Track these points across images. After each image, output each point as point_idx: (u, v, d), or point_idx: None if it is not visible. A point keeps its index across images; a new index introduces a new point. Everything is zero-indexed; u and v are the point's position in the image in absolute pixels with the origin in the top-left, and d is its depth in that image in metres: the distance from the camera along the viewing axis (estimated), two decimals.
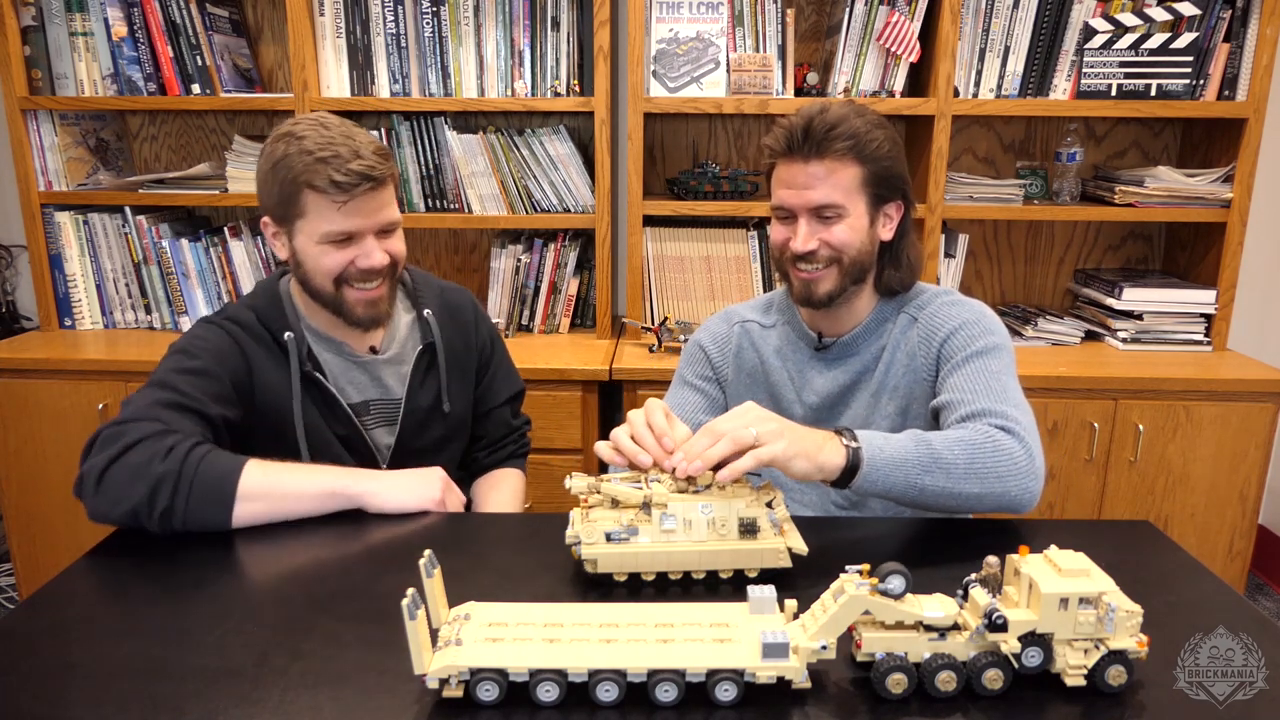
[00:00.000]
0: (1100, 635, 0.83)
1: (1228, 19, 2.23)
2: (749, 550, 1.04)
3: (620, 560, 1.03)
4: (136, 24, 2.35)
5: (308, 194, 1.30)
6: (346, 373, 1.45)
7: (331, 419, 1.42)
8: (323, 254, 1.34)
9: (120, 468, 1.16)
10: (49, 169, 2.43)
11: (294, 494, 1.21)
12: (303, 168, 1.29)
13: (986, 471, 1.15)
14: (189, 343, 1.35)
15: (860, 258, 1.35)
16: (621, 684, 0.81)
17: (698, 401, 1.50)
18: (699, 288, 2.44)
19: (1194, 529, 2.24)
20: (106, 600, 1.04)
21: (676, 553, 1.03)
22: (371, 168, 1.30)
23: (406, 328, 1.52)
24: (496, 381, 1.62)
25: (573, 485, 1.09)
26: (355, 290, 1.37)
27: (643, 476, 1.09)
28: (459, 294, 1.60)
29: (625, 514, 1.06)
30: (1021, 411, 1.23)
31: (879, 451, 1.11)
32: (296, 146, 1.30)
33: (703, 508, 1.04)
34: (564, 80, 2.38)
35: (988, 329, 1.34)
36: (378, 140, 1.37)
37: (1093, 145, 2.57)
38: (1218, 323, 2.36)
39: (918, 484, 1.12)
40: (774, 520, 1.06)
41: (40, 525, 2.33)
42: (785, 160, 1.33)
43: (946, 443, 1.15)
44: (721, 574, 1.05)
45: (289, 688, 0.84)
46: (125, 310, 2.53)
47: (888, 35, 2.23)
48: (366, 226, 1.34)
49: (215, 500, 1.16)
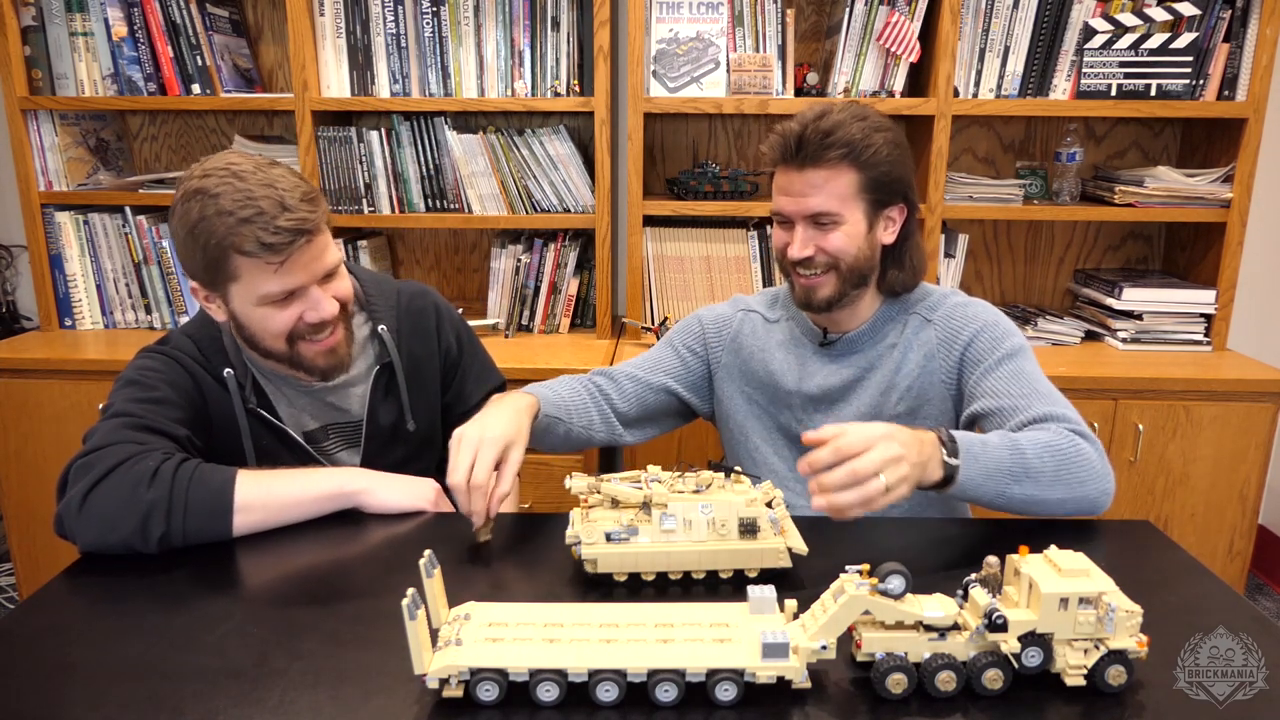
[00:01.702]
0: (1100, 635, 0.83)
1: (1228, 19, 2.23)
2: (749, 550, 1.04)
3: (620, 560, 1.03)
4: (136, 24, 2.35)
5: (236, 259, 1.18)
6: (296, 400, 1.38)
7: (286, 451, 1.36)
8: (266, 317, 1.24)
9: (103, 497, 1.11)
10: (49, 169, 2.43)
11: (292, 501, 1.19)
12: (225, 231, 1.16)
13: (1071, 478, 1.15)
14: (138, 374, 1.28)
15: (858, 264, 1.34)
16: (621, 684, 0.81)
17: (673, 366, 1.51)
18: (699, 288, 2.44)
19: (1194, 529, 2.24)
20: (106, 600, 1.04)
21: (676, 553, 1.03)
22: (303, 220, 1.18)
23: (359, 347, 1.42)
24: (468, 384, 1.53)
25: (573, 485, 1.10)
26: (310, 344, 1.28)
27: (643, 476, 1.09)
28: (420, 296, 1.50)
29: (625, 514, 1.06)
30: (1073, 411, 1.25)
31: (974, 461, 1.10)
32: (213, 207, 1.16)
33: (703, 508, 1.03)
34: (564, 80, 2.38)
35: (1007, 330, 1.37)
36: (301, 181, 1.23)
37: (1093, 145, 2.57)
38: (1217, 323, 2.36)
39: (1006, 493, 1.13)
40: (774, 520, 1.06)
41: (40, 525, 2.33)
42: (783, 167, 1.33)
43: (1035, 449, 1.15)
44: (721, 574, 1.05)
45: (289, 688, 0.84)
46: (125, 310, 2.53)
47: (888, 35, 2.23)
48: (307, 280, 1.23)
49: (213, 517, 1.13)
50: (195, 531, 1.13)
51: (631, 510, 1.07)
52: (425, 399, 1.49)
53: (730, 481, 1.09)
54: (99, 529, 1.11)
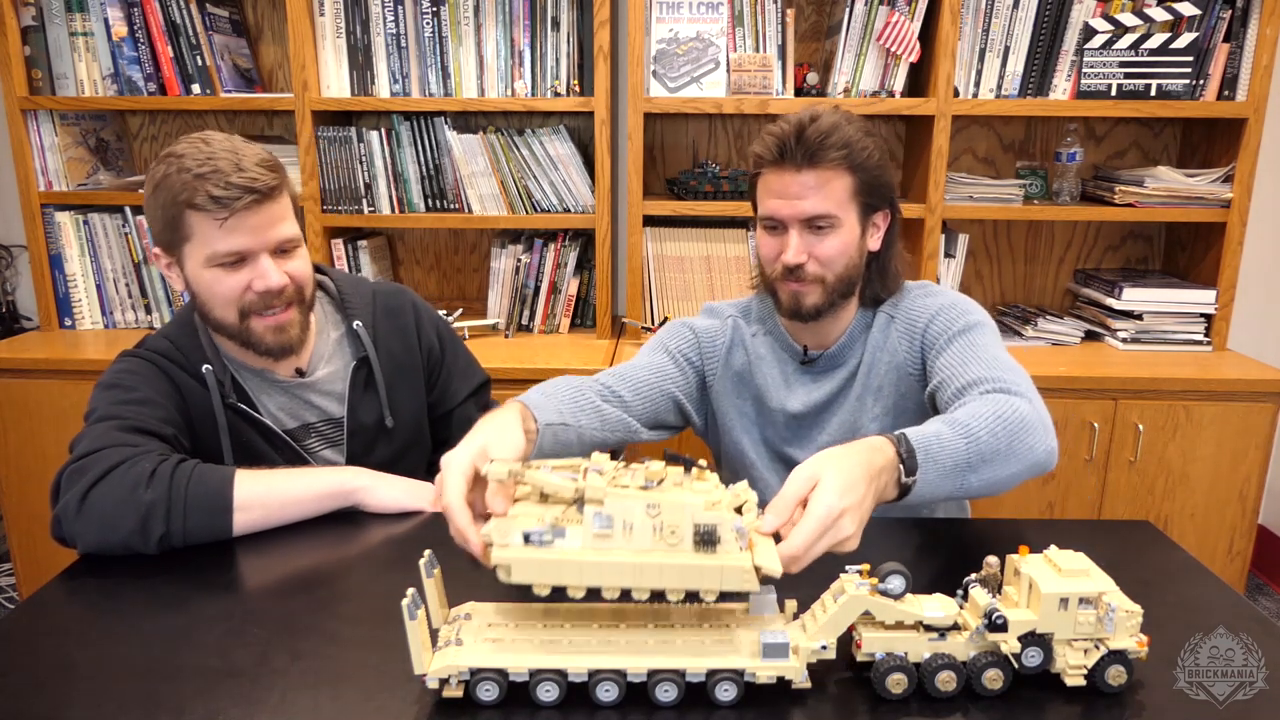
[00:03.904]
0: (1100, 635, 0.83)
1: (1228, 19, 2.23)
2: (704, 567, 0.80)
3: (540, 569, 0.81)
4: (136, 24, 2.35)
5: (189, 214, 1.22)
6: (276, 399, 1.38)
7: (270, 448, 1.36)
8: (215, 280, 1.25)
9: (101, 499, 1.11)
10: (49, 169, 2.43)
11: (291, 499, 1.19)
12: (181, 186, 1.21)
13: (1022, 446, 1.09)
14: (116, 378, 1.29)
15: (849, 271, 1.32)
16: (621, 684, 0.81)
17: (672, 373, 1.42)
18: (699, 288, 2.44)
19: (1194, 529, 2.24)
20: (107, 600, 1.04)
21: (611, 564, 0.80)
22: (254, 180, 1.21)
23: (335, 344, 1.43)
24: (453, 381, 1.53)
25: (491, 470, 0.86)
26: (260, 318, 1.28)
27: (584, 465, 0.86)
28: (396, 296, 1.51)
29: (553, 510, 0.84)
30: (1015, 372, 1.19)
31: (933, 464, 1.03)
32: (176, 166, 1.22)
33: (649, 507, 0.81)
34: (564, 80, 2.38)
35: (965, 310, 1.33)
36: (268, 153, 1.27)
37: (1093, 145, 2.57)
38: (1218, 323, 2.36)
39: (965, 485, 1.06)
40: (740, 530, 0.81)
41: (40, 525, 2.32)
42: (776, 169, 1.29)
43: (985, 426, 1.07)
44: (669, 595, 0.82)
45: (289, 688, 0.84)
46: (125, 310, 2.53)
47: (888, 35, 2.23)
48: (255, 245, 1.24)
49: (213, 517, 1.13)
50: (196, 531, 1.13)
51: (561, 506, 0.85)
52: (406, 397, 1.48)
53: (690, 478, 0.86)
54: (99, 531, 1.11)
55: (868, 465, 0.96)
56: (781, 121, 1.30)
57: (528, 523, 0.82)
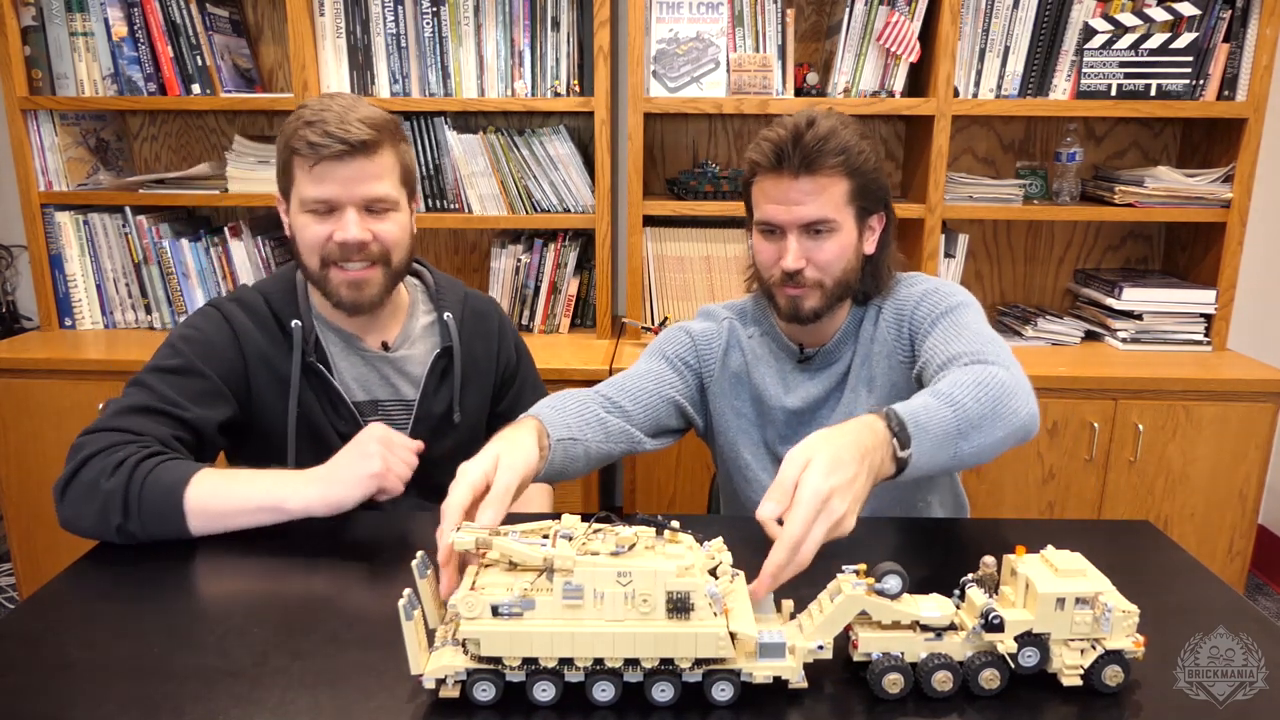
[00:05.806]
0: (1097, 635, 0.83)
1: (1228, 19, 2.23)
2: (678, 635, 0.80)
3: (510, 643, 0.80)
4: (136, 24, 2.35)
5: (294, 160, 1.29)
6: (354, 369, 1.40)
7: (334, 415, 1.37)
8: (304, 226, 1.30)
9: (77, 484, 1.15)
10: (49, 169, 2.43)
11: (233, 510, 1.14)
12: (292, 132, 1.28)
13: (1006, 410, 1.09)
14: (183, 333, 1.33)
15: (847, 275, 1.33)
16: (618, 684, 0.81)
17: (670, 378, 1.42)
18: (699, 288, 2.44)
19: (1194, 529, 2.24)
20: (106, 600, 1.04)
21: (583, 635, 0.80)
22: (348, 132, 1.24)
23: (424, 328, 1.47)
24: (524, 396, 1.54)
25: (457, 540, 0.84)
26: (338, 270, 1.31)
27: (552, 528, 0.86)
28: (486, 302, 1.56)
29: (523, 579, 0.83)
30: (995, 344, 1.20)
31: (924, 435, 1.02)
32: (297, 115, 1.29)
33: (619, 575, 0.80)
34: (564, 80, 2.39)
35: (948, 293, 1.34)
36: (385, 115, 1.31)
37: (1092, 145, 2.57)
38: (1217, 323, 2.36)
39: (958, 454, 1.06)
40: (714, 595, 0.80)
41: (40, 525, 2.34)
42: (773, 175, 1.28)
43: (967, 392, 1.08)
44: (644, 663, 0.81)
45: (289, 688, 0.85)
46: (125, 310, 2.53)
47: (888, 35, 2.23)
48: (343, 196, 1.28)
49: (165, 516, 1.12)
50: (151, 527, 1.12)
51: (531, 574, 0.83)
52: (475, 398, 1.50)
53: (663, 541, 0.85)
54: (70, 515, 1.16)
55: (857, 444, 0.95)
56: (777, 126, 1.28)
57: (496, 594, 0.81)
